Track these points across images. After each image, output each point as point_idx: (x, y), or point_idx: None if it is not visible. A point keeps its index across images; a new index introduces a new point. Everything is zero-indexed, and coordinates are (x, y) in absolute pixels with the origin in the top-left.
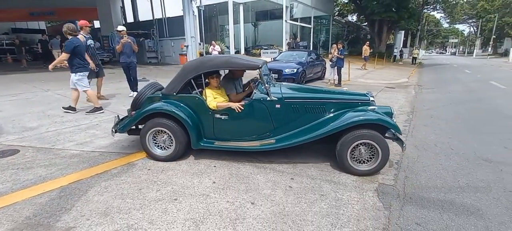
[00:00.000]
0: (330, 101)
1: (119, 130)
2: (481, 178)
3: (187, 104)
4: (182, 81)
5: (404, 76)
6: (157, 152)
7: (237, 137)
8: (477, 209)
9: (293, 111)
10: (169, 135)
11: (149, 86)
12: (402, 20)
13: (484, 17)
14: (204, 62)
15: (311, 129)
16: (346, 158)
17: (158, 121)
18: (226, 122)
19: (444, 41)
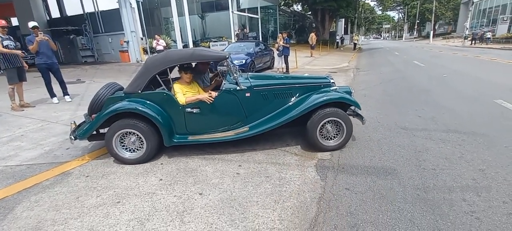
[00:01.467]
0: (295, 86)
1: (79, 136)
2: (398, 143)
3: (154, 102)
4: (146, 78)
5: (345, 61)
6: (127, 155)
7: (210, 129)
8: (393, 169)
9: (263, 98)
10: (138, 136)
11: (106, 86)
12: (341, 9)
13: (409, 4)
14: (169, 56)
15: (281, 113)
16: (316, 137)
17: (125, 122)
18: (197, 115)
19: (379, 27)
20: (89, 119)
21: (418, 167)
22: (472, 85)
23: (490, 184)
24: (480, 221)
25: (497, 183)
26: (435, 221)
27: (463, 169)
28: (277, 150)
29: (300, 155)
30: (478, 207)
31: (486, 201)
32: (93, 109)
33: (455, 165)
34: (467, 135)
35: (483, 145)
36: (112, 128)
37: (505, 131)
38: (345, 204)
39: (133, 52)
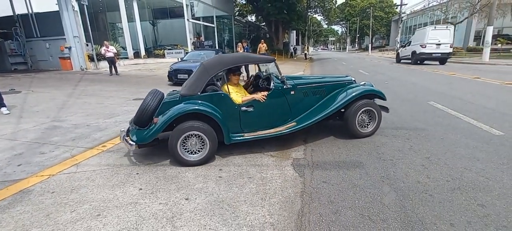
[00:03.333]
0: (328, 84)
1: (144, 140)
2: (360, 140)
3: (212, 102)
4: (205, 81)
5: (300, 70)
6: (191, 158)
7: (263, 126)
8: (360, 162)
9: (303, 95)
10: (199, 137)
11: (152, 94)
12: (293, 21)
13: (350, 20)
14: (224, 60)
15: (320, 107)
16: (355, 126)
17: (189, 124)
18: (251, 114)
19: (326, 39)
20: (134, 126)
21: (379, 159)
22: (409, 89)
23: (435, 168)
24: (433, 197)
25: (440, 167)
26: (399, 200)
27: (413, 157)
28: (254, 153)
29: (276, 156)
30: (429, 187)
31: (434, 181)
32: (143, 117)
33: (407, 155)
34: (412, 131)
35: (425, 138)
36: (176, 131)
37: (438, 126)
38: (325, 195)
39: (76, 59)
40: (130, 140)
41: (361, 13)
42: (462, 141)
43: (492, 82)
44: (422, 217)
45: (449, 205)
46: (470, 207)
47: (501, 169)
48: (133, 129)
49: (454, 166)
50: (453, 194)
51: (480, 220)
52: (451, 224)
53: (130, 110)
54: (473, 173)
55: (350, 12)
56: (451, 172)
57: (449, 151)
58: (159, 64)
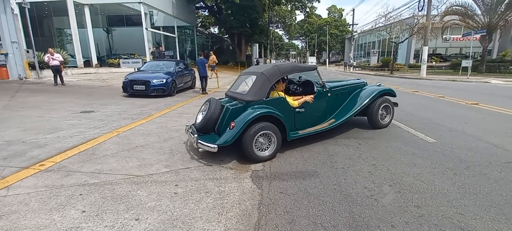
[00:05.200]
0: (350, 86)
1: (226, 143)
2: (316, 151)
3: (274, 106)
4: (268, 87)
5: None
6: (262, 155)
7: (311, 124)
8: (315, 171)
9: (336, 96)
10: (266, 136)
11: (213, 103)
12: (255, 35)
13: (309, 36)
14: (282, 69)
15: (349, 105)
16: (377, 119)
17: (261, 125)
18: (303, 114)
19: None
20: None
21: (332, 167)
22: None
23: (380, 174)
24: (377, 201)
25: (384, 173)
26: (349, 206)
27: (362, 165)
28: (212, 166)
29: (235, 168)
30: (375, 192)
31: (379, 186)
32: (210, 124)
33: (356, 163)
34: (362, 139)
35: (372, 146)
36: (250, 132)
37: (384, 135)
38: (281, 206)
39: (14, 67)
40: (207, 144)
41: (319, 30)
42: (403, 148)
43: (428, 96)
44: (367, 221)
45: (391, 208)
46: (408, 208)
47: (433, 173)
48: (199, 135)
49: (395, 172)
50: (394, 197)
51: (416, 220)
52: (392, 225)
53: (77, 124)
54: (411, 177)
55: (309, 29)
56: (393, 177)
57: (392, 157)
58: (113, 74)
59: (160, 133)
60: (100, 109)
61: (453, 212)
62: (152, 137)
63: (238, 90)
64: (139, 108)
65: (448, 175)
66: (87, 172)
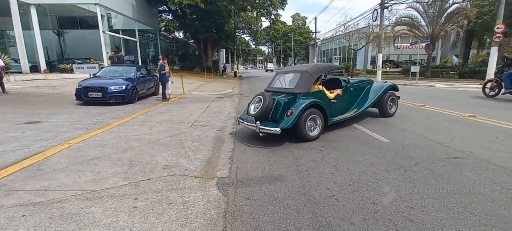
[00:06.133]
0: (364, 82)
1: (287, 126)
2: (282, 154)
3: (317, 97)
4: (312, 82)
5: (229, 88)
6: (312, 135)
7: (340, 113)
8: (280, 175)
9: (356, 91)
10: (314, 120)
11: (266, 97)
12: (221, 40)
13: (275, 42)
14: (320, 67)
15: (364, 98)
16: (387, 110)
17: (311, 110)
18: (336, 104)
19: (254, 58)
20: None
21: (297, 171)
22: None
23: (340, 175)
24: (338, 200)
25: (344, 173)
26: (312, 208)
27: (324, 167)
28: (176, 176)
29: (200, 176)
30: (336, 192)
31: (339, 186)
32: (266, 113)
33: (319, 165)
34: (325, 142)
35: (334, 149)
36: (303, 116)
37: (345, 137)
38: (247, 212)
39: None
40: (270, 128)
41: (284, 36)
42: (361, 149)
43: None
44: (329, 220)
45: (350, 206)
46: (365, 205)
47: (387, 170)
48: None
49: (354, 171)
50: (353, 196)
51: (372, 216)
52: (351, 223)
53: (20, 136)
54: (368, 176)
55: (275, 35)
56: (352, 177)
57: (351, 158)
58: (65, 81)
59: (118, 143)
60: (48, 119)
61: (404, 206)
62: (109, 148)
63: (282, 86)
64: (95, 117)
65: (400, 171)
66: (31, 190)
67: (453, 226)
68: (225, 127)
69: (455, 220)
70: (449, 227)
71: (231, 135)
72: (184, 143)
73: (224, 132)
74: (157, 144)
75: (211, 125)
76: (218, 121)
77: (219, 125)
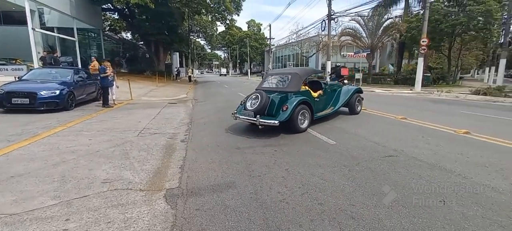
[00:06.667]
0: (336, 85)
1: (283, 119)
2: (234, 161)
3: (305, 95)
4: (301, 83)
5: (183, 93)
6: (302, 126)
7: (321, 109)
8: (233, 182)
9: (332, 92)
10: (303, 114)
11: (263, 94)
12: (175, 43)
13: (230, 47)
14: (307, 70)
15: (337, 99)
16: (355, 109)
17: (301, 106)
18: (318, 102)
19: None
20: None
21: (249, 176)
22: None
23: (291, 178)
24: (288, 204)
25: (295, 176)
26: (263, 213)
27: (277, 171)
28: (117, 191)
29: (147, 189)
30: (286, 195)
31: (290, 189)
32: (264, 108)
33: (272, 169)
34: (277, 146)
35: (286, 153)
36: (296, 111)
37: (296, 140)
38: (197, 224)
39: None
40: (269, 121)
41: (240, 41)
42: (311, 151)
43: None
44: (279, 225)
45: (299, 208)
46: (313, 206)
47: (334, 171)
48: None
49: (304, 174)
50: (302, 198)
51: (319, 216)
52: (300, 225)
53: None
54: (316, 178)
55: (230, 40)
56: (302, 179)
57: (302, 161)
58: None
59: (48, 156)
60: None
61: (347, 204)
62: (36, 162)
63: (273, 86)
64: (21, 127)
65: (344, 171)
66: None
67: (388, 220)
68: (177, 134)
69: (389, 214)
70: (385, 221)
71: (183, 142)
72: (129, 153)
73: (175, 139)
74: (97, 155)
75: (162, 132)
76: (170, 127)
77: (170, 132)
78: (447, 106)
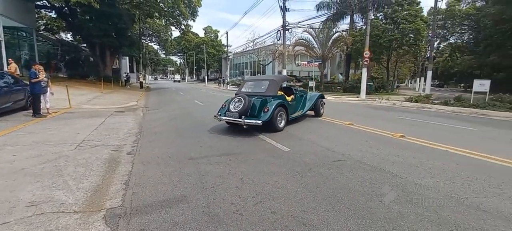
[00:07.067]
0: (302, 91)
1: (265, 119)
2: (187, 172)
3: (282, 99)
4: (277, 89)
5: (133, 100)
6: (280, 126)
7: (294, 112)
8: (184, 196)
9: (300, 97)
10: (282, 115)
11: (246, 98)
12: (124, 47)
13: (186, 53)
14: (282, 77)
15: (304, 103)
16: (319, 112)
17: (279, 108)
18: (291, 105)
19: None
20: (264, 110)
21: (202, 188)
22: None
23: (246, 187)
24: (242, 215)
25: (249, 186)
26: (215, 227)
27: (231, 181)
28: (45, 215)
29: (83, 210)
30: (240, 206)
31: (244, 199)
32: (247, 110)
33: (226, 179)
34: (232, 156)
35: (241, 161)
36: (275, 111)
37: (251, 148)
38: None
39: None
40: (253, 121)
41: (196, 47)
42: (266, 159)
43: None
44: None
45: (253, 219)
46: (266, 216)
47: (287, 178)
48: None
49: (258, 182)
50: (256, 208)
51: (272, 225)
52: None
53: None
54: (270, 186)
55: (186, 46)
56: (256, 188)
57: (257, 170)
58: None
59: None
60: None
61: (299, 211)
62: None
63: (253, 91)
64: None
65: (297, 178)
66: None
67: (335, 223)
68: (123, 146)
69: (337, 216)
70: (333, 224)
71: (130, 155)
72: (63, 169)
73: (121, 152)
74: (22, 174)
75: (105, 145)
76: (115, 139)
77: (115, 144)
78: (386, 112)
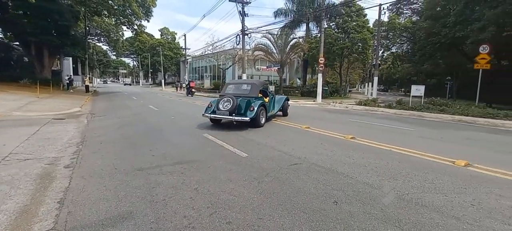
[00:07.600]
0: (272, 93)
1: (253, 116)
2: (135, 185)
3: (262, 100)
4: (258, 91)
5: (77, 106)
6: (262, 122)
7: (270, 111)
8: (130, 212)
9: (272, 99)
10: (263, 113)
11: (234, 99)
12: (66, 46)
13: (141, 55)
14: (262, 82)
15: (276, 104)
16: (286, 111)
17: (261, 108)
18: (268, 105)
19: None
20: (250, 108)
21: (151, 202)
22: (190, 123)
23: (200, 198)
24: (195, 228)
25: (204, 195)
26: None
27: (184, 192)
28: None
29: None
30: (194, 219)
31: (198, 211)
32: (235, 109)
33: (179, 190)
34: (187, 164)
35: (197, 169)
36: (259, 111)
37: (208, 155)
38: None
39: None
40: (241, 118)
41: (152, 50)
42: (223, 166)
43: None
44: None
45: None
46: (221, 227)
47: (244, 185)
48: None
49: (214, 191)
50: (210, 219)
51: None
52: None
53: None
54: (227, 194)
55: (140, 47)
56: (211, 198)
57: (213, 177)
58: None
59: None
60: None
61: (255, 219)
62: None
63: (237, 92)
64: None
65: (254, 184)
66: None
67: (291, 228)
68: (60, 158)
69: (292, 221)
70: (288, 229)
71: (68, 168)
72: None
73: (57, 165)
74: None
75: (37, 158)
76: (51, 150)
77: (50, 156)
78: (340, 115)
